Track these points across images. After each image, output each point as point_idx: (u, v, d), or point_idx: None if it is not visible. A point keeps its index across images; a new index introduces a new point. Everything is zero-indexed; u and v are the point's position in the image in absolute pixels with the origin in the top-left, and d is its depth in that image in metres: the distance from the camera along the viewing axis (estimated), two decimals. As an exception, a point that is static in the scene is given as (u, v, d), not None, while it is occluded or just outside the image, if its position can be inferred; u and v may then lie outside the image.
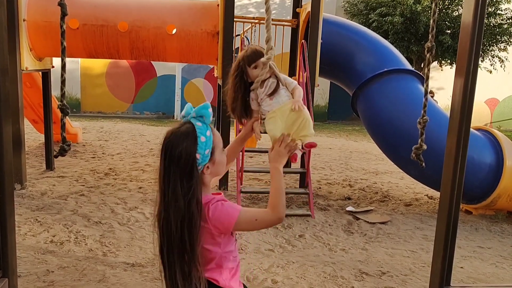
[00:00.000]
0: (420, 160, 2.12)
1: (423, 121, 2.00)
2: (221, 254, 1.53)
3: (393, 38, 13.64)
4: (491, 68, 14.64)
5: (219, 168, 1.54)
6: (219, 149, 1.52)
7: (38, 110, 7.34)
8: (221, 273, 1.56)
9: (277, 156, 1.63)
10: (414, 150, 2.08)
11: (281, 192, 1.54)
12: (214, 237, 1.50)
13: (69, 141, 1.76)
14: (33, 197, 5.03)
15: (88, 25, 5.57)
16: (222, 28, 5.58)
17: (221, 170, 1.57)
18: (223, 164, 1.56)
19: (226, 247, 1.54)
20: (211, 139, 1.47)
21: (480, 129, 5.56)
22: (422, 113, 1.98)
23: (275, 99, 1.72)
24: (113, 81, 14.76)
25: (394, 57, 5.86)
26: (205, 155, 1.45)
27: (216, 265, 1.55)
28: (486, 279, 3.61)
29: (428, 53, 1.89)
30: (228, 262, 1.56)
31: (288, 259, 3.78)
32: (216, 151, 1.50)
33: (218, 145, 1.51)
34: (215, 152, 1.50)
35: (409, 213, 5.33)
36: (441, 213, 2.25)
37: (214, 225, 1.47)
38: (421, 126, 2.06)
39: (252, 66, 1.74)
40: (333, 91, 15.81)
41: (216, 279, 1.54)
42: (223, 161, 1.55)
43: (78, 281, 3.14)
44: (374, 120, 5.68)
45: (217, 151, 1.50)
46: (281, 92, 1.75)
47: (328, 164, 8.13)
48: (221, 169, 1.56)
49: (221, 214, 1.46)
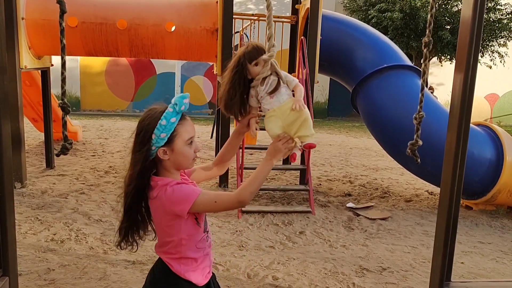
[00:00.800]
0: (416, 156, 2.11)
1: (419, 117, 1.99)
2: (180, 239, 1.57)
3: (393, 34, 13.62)
4: (491, 64, 14.62)
5: (180, 159, 1.56)
6: (181, 139, 1.54)
7: (38, 109, 7.34)
8: (178, 260, 1.60)
9: (274, 151, 1.65)
10: (409, 145, 2.08)
11: (258, 180, 1.57)
12: (172, 219, 1.54)
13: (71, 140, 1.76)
14: (33, 196, 5.03)
15: (87, 23, 5.56)
16: (221, 25, 5.57)
17: (184, 163, 1.58)
18: (187, 157, 1.57)
19: (186, 233, 1.56)
20: (173, 125, 1.51)
21: (480, 125, 5.56)
22: (418, 108, 1.97)
23: (275, 97, 1.70)
24: (112, 79, 14.74)
25: (393, 53, 5.85)
26: (160, 137, 1.50)
27: (174, 251, 1.59)
28: (487, 274, 3.62)
29: (425, 48, 1.88)
30: (189, 251, 1.59)
31: (289, 255, 3.79)
32: (176, 139, 1.53)
33: (182, 135, 1.54)
34: (175, 140, 1.53)
35: (410, 209, 5.33)
36: (441, 209, 2.24)
37: (170, 206, 1.51)
38: (417, 121, 2.06)
39: (253, 63, 1.69)
40: (332, 87, 15.79)
41: (171, 264, 1.60)
42: (186, 154, 1.56)
43: (79, 279, 3.15)
44: (374, 116, 5.68)
45: (178, 140, 1.53)
46: (282, 90, 1.72)
47: (328, 160, 8.13)
48: (183, 161, 1.58)
49: (177, 196, 1.50)
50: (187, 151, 1.56)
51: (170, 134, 1.52)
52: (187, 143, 1.56)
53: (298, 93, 1.75)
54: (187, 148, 1.56)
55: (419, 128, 1.98)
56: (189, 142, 1.56)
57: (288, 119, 1.69)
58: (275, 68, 1.74)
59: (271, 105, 1.71)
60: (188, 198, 1.50)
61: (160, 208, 1.55)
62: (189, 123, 1.58)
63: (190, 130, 1.57)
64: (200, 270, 1.63)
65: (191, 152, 1.57)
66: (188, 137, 1.56)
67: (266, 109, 1.73)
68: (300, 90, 1.76)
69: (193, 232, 1.58)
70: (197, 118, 14.18)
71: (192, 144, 1.58)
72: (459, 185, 2.17)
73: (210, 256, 1.69)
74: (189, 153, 1.57)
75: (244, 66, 1.71)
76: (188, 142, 1.56)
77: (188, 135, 1.56)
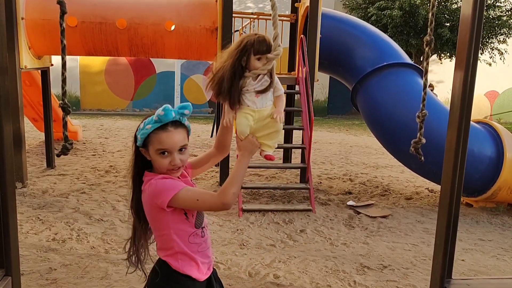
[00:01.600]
0: (419, 154, 2.12)
1: (421, 115, 2.00)
2: (169, 233, 1.59)
3: (392, 31, 13.60)
4: (491, 61, 14.61)
5: (155, 165, 1.60)
6: (153, 147, 1.55)
7: (38, 109, 7.35)
8: (175, 256, 1.61)
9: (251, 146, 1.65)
10: (413, 144, 2.08)
11: (236, 180, 1.57)
12: (157, 213, 1.56)
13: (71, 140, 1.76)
14: (34, 196, 5.04)
15: (86, 22, 5.55)
16: (220, 24, 5.57)
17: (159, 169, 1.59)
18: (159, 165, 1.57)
19: (175, 227, 1.58)
20: (147, 132, 1.55)
21: (480, 122, 5.56)
22: (421, 106, 1.97)
23: (260, 98, 1.67)
24: (112, 79, 14.73)
25: (393, 51, 5.85)
26: (138, 139, 1.58)
27: (168, 246, 1.61)
28: (487, 272, 3.63)
29: (427, 47, 1.88)
30: (182, 246, 1.60)
31: (290, 254, 3.79)
32: (149, 146, 1.56)
33: (154, 144, 1.55)
34: (149, 146, 1.57)
35: (410, 207, 5.34)
36: (442, 206, 2.25)
37: (153, 198, 1.54)
38: (419, 120, 2.06)
39: (257, 56, 1.64)
40: (332, 86, 15.79)
41: (169, 261, 1.62)
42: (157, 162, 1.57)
43: (81, 278, 3.16)
44: (374, 114, 5.68)
45: (150, 147, 1.56)
46: (269, 94, 1.69)
47: (329, 158, 8.13)
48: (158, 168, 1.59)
49: (159, 188, 1.53)
50: (158, 160, 1.56)
51: (145, 139, 1.57)
52: (157, 153, 1.55)
53: (281, 105, 1.72)
54: (158, 157, 1.56)
55: (422, 126, 1.98)
56: (160, 152, 1.55)
57: (262, 123, 1.67)
58: (272, 70, 1.71)
59: (254, 104, 1.66)
60: (169, 191, 1.51)
61: (147, 202, 1.58)
62: (167, 135, 1.55)
63: (162, 141, 1.54)
64: (198, 265, 1.63)
65: (163, 162, 1.56)
66: (158, 147, 1.55)
67: (246, 104, 1.66)
68: (283, 102, 1.74)
69: (182, 227, 1.59)
70: (197, 117, 14.18)
71: (166, 155, 1.55)
72: (460, 183, 2.18)
73: (208, 252, 1.68)
74: (160, 162, 1.56)
75: (248, 54, 1.64)
76: (158, 152, 1.55)
77: (159, 146, 1.54)
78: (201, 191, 1.58)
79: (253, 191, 5.54)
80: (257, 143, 1.66)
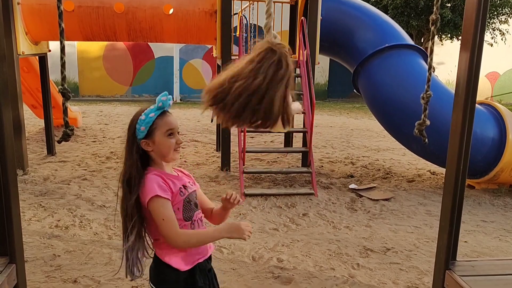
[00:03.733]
0: (423, 136, 2.09)
1: (426, 96, 1.96)
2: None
3: (393, 13, 13.45)
4: (492, 41, 14.47)
5: (162, 149, 1.65)
6: (160, 131, 1.63)
7: (37, 95, 7.29)
8: (161, 244, 1.68)
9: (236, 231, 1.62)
10: (417, 125, 2.05)
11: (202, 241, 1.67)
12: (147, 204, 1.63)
13: (72, 126, 1.74)
14: (35, 183, 5.03)
15: (83, 7, 5.47)
16: (219, 7, 5.48)
17: (166, 153, 1.66)
18: (167, 147, 1.65)
19: None
20: (152, 120, 1.63)
21: (483, 103, 5.53)
22: (426, 87, 1.94)
23: None
24: (110, 64, 14.62)
25: (395, 32, 5.78)
26: (140, 130, 1.64)
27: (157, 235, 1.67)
28: (490, 253, 3.64)
29: (432, 26, 1.83)
30: None
31: (293, 237, 3.80)
32: (156, 131, 1.63)
33: (161, 127, 1.64)
34: (155, 132, 1.63)
35: (412, 189, 5.34)
36: (447, 188, 2.23)
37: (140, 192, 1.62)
38: (424, 101, 2.03)
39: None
40: (332, 69, 15.68)
41: (155, 248, 1.71)
42: (166, 144, 1.64)
43: (85, 264, 3.16)
44: (376, 97, 5.64)
45: (157, 132, 1.63)
46: None
47: (330, 142, 8.11)
48: (165, 151, 1.66)
49: (144, 186, 1.61)
50: (167, 141, 1.65)
51: (150, 127, 1.63)
52: (166, 135, 1.65)
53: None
54: (166, 139, 1.65)
55: (427, 108, 1.95)
56: (168, 133, 1.65)
57: None
58: None
59: None
60: (147, 194, 1.59)
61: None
62: (169, 117, 1.67)
63: (169, 122, 1.66)
64: (183, 255, 1.67)
65: (171, 142, 1.66)
66: (166, 129, 1.64)
67: None
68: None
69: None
70: (196, 102, 14.12)
71: (172, 136, 1.66)
72: (465, 164, 2.16)
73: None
74: (169, 143, 1.65)
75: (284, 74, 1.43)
76: (167, 133, 1.65)
77: (167, 127, 1.65)
78: (171, 217, 1.60)
79: (255, 175, 5.53)
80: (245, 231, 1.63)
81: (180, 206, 1.67)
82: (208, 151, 6.97)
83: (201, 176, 5.49)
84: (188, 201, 1.69)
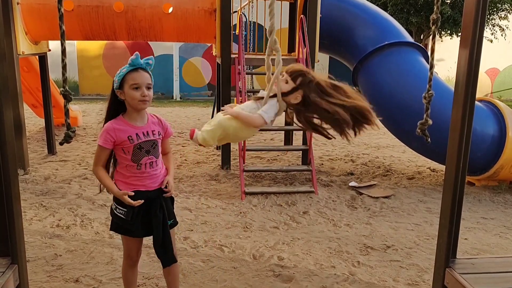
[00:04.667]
0: (426, 135, 2.09)
1: (428, 96, 1.96)
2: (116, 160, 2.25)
3: (392, 9, 13.44)
4: (492, 37, 14.46)
5: (128, 100, 2.13)
6: (127, 84, 2.10)
7: (37, 95, 7.29)
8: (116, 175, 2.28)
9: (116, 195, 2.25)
10: (419, 125, 2.05)
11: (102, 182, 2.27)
12: None
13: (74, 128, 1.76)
14: (36, 182, 5.04)
15: (83, 6, 5.47)
16: (219, 5, 5.48)
17: (132, 103, 2.12)
18: (132, 98, 2.11)
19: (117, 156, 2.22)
20: (123, 74, 2.11)
21: (483, 100, 5.53)
22: (428, 87, 1.94)
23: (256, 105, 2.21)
24: (110, 63, 14.61)
25: (394, 30, 5.78)
26: (115, 81, 2.14)
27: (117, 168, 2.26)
28: (490, 250, 3.65)
29: (433, 25, 1.83)
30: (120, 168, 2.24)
31: (293, 235, 3.81)
32: (125, 84, 2.10)
33: (128, 81, 2.10)
34: (124, 85, 2.11)
35: (412, 187, 5.34)
36: (446, 186, 2.24)
37: None
38: (426, 100, 2.03)
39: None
40: (332, 66, 15.66)
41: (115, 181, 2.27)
42: (131, 95, 2.10)
43: (87, 264, 3.17)
44: (376, 94, 5.63)
45: (125, 85, 2.10)
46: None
47: (330, 140, 8.10)
48: (131, 102, 2.12)
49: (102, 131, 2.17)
50: (132, 93, 2.10)
51: (121, 80, 2.11)
52: (132, 88, 2.09)
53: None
54: (131, 91, 2.10)
55: (429, 108, 1.95)
56: (133, 87, 2.09)
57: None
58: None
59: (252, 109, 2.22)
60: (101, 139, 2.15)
61: None
62: (138, 74, 2.10)
63: (135, 78, 2.09)
64: (127, 184, 2.22)
65: (136, 94, 2.09)
66: (132, 83, 2.09)
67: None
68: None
69: (121, 159, 2.20)
70: (196, 100, 14.13)
71: (138, 89, 2.09)
72: (465, 161, 2.15)
73: (143, 180, 2.22)
74: (134, 94, 2.10)
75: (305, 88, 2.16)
76: (132, 87, 2.09)
77: (133, 81, 2.09)
78: (98, 157, 2.19)
79: (255, 173, 5.54)
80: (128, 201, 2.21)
81: (130, 150, 2.16)
82: (208, 149, 6.97)
83: (201, 174, 5.50)
84: (139, 147, 2.16)
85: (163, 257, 2.32)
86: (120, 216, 2.25)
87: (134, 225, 2.23)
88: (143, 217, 2.24)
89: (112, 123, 2.15)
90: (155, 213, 2.23)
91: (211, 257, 3.33)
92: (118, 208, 2.26)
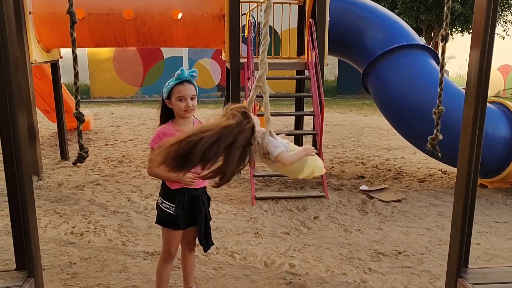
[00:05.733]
0: (436, 150, 2.08)
1: (438, 111, 1.95)
2: None
3: (402, 8, 13.35)
4: (504, 34, 14.29)
5: (175, 109, 2.40)
6: (174, 96, 2.37)
7: (49, 100, 7.40)
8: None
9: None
10: (429, 140, 2.04)
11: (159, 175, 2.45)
12: None
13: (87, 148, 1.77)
14: (50, 189, 5.12)
15: (93, 14, 5.53)
16: (228, 10, 5.51)
17: (178, 112, 2.39)
18: (178, 108, 2.37)
19: None
20: (170, 88, 2.38)
21: (494, 102, 5.48)
22: (438, 103, 1.93)
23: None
24: (120, 66, 14.74)
25: (404, 32, 5.75)
26: (164, 92, 2.42)
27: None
28: (503, 255, 3.62)
29: (442, 42, 1.82)
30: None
31: (304, 242, 3.82)
32: (172, 96, 2.38)
33: (174, 94, 2.36)
34: (172, 96, 2.38)
35: (423, 190, 5.32)
36: (458, 192, 2.20)
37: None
38: (436, 116, 2.01)
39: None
40: (342, 65, 15.62)
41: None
42: (177, 106, 2.37)
43: (100, 272, 3.22)
44: (386, 98, 5.62)
45: (173, 96, 2.38)
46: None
47: (340, 141, 8.10)
48: (177, 111, 2.39)
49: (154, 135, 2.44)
50: (177, 104, 2.37)
51: (170, 92, 2.38)
52: (177, 99, 2.36)
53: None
54: (177, 102, 2.37)
55: (439, 123, 1.94)
56: (179, 99, 2.36)
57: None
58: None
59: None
60: (152, 142, 2.41)
61: None
62: (183, 87, 2.36)
63: (179, 91, 2.36)
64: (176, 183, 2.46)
65: (181, 105, 2.36)
66: (177, 95, 2.36)
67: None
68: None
69: None
70: (206, 102, 14.17)
71: (182, 101, 2.36)
72: (477, 161, 2.10)
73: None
74: (179, 105, 2.37)
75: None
76: (178, 99, 2.36)
77: (178, 94, 2.36)
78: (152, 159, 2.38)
79: (265, 178, 5.56)
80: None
81: None
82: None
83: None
84: None
85: (205, 244, 2.61)
86: (166, 211, 2.50)
87: (179, 219, 2.50)
88: (187, 212, 2.52)
89: (162, 127, 2.44)
90: (199, 209, 2.54)
91: (222, 264, 3.36)
92: (165, 203, 2.51)
